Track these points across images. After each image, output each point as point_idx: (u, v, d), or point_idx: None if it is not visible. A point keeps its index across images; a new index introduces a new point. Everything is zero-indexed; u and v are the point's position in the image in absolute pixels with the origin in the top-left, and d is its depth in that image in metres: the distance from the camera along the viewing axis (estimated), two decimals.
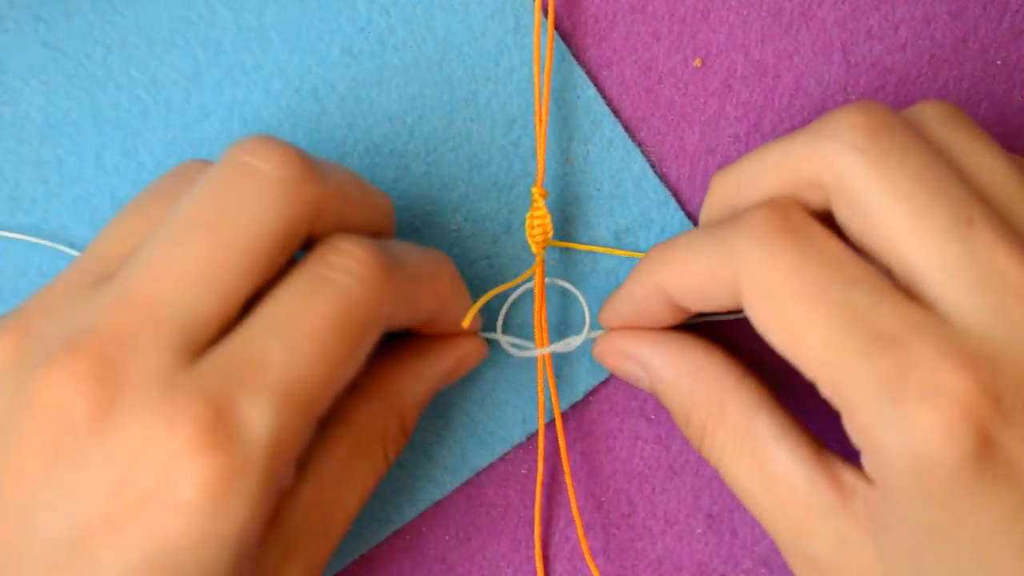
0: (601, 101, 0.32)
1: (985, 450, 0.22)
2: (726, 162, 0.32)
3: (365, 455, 0.27)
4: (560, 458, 0.32)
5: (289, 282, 0.24)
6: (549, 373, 0.31)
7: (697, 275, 0.26)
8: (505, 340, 0.31)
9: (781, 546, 0.26)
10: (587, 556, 0.32)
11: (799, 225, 0.24)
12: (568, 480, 0.31)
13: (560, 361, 0.32)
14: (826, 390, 0.24)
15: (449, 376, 0.30)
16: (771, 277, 0.24)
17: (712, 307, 0.26)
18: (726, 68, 0.32)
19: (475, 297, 0.30)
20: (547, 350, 0.31)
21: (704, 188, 0.32)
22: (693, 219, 0.32)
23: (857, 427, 0.23)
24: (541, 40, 0.31)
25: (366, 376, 0.28)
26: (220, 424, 0.22)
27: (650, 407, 0.32)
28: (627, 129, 0.32)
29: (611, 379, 0.32)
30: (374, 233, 0.27)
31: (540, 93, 0.31)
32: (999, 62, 0.32)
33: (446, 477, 0.32)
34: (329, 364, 0.23)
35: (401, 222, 0.32)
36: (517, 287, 0.31)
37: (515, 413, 0.32)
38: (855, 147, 0.24)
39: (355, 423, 0.27)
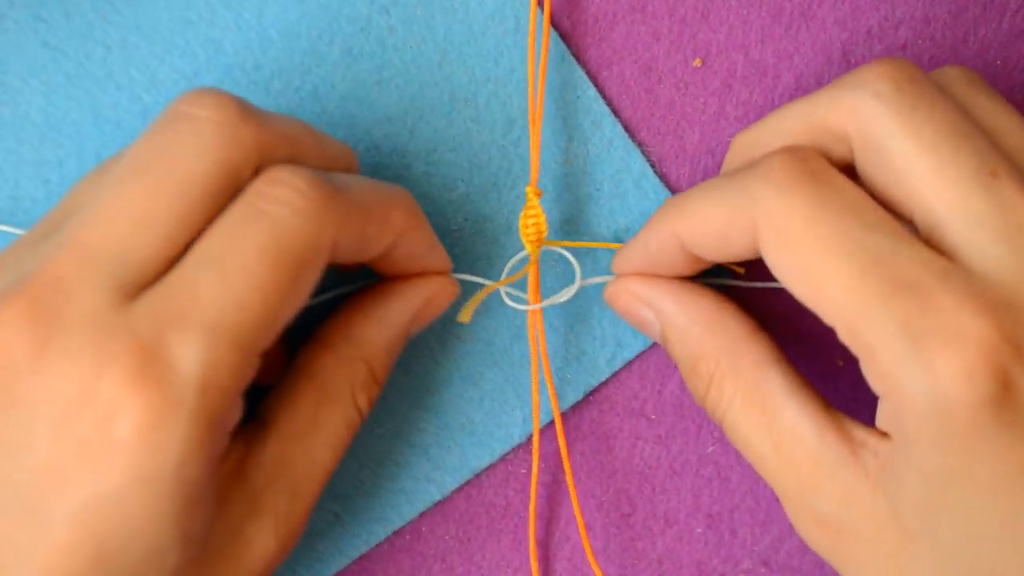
0: (601, 101, 0.32)
1: (1005, 395, 0.22)
2: None
3: (332, 405, 0.27)
4: (560, 458, 0.32)
5: (223, 218, 0.24)
6: (546, 368, 0.31)
7: (713, 222, 0.26)
8: (503, 290, 0.31)
9: (787, 503, 0.26)
10: (589, 555, 0.32)
11: (818, 170, 0.24)
12: (569, 479, 0.31)
13: (560, 361, 0.32)
14: (845, 335, 0.24)
15: (418, 319, 0.29)
16: (790, 223, 0.24)
17: (727, 256, 0.26)
18: (726, 68, 0.32)
19: (469, 297, 0.30)
20: (540, 305, 0.31)
21: None
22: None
23: (877, 372, 0.23)
24: (536, 37, 0.31)
25: (329, 325, 0.28)
26: (150, 363, 0.22)
27: (650, 407, 0.32)
28: (627, 129, 0.32)
29: (611, 379, 0.32)
30: None
31: (535, 91, 0.31)
32: (999, 62, 0.32)
33: (446, 477, 0.32)
34: (264, 297, 0.23)
35: None
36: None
37: (515, 413, 0.32)
38: (882, 96, 0.24)
39: (319, 374, 0.27)
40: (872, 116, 0.24)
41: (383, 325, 0.29)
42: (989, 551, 0.23)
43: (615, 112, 0.32)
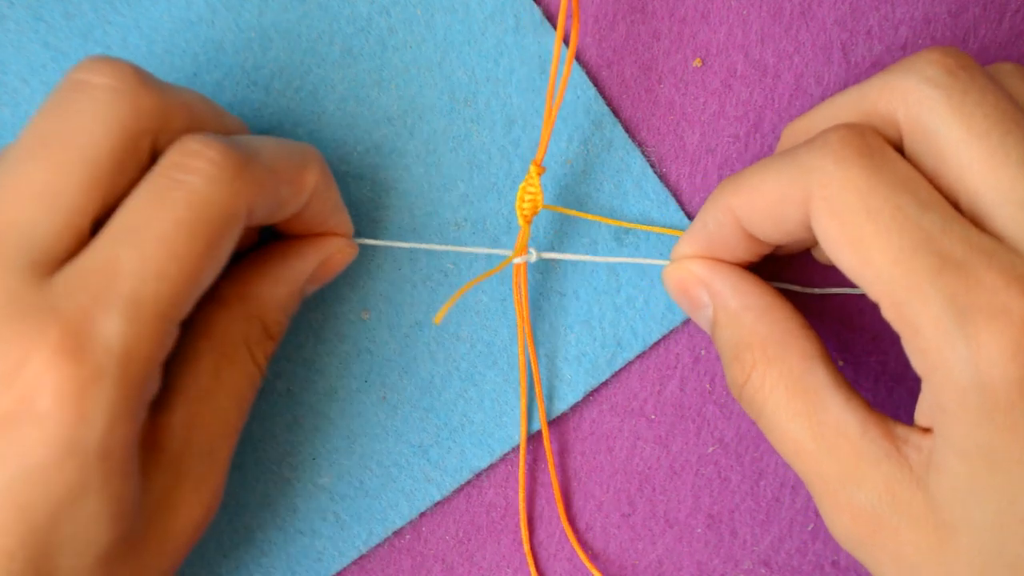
0: (601, 101, 0.32)
1: None
2: (726, 162, 0.32)
3: (231, 363, 0.27)
4: (561, 459, 0.32)
5: (138, 190, 0.24)
6: (534, 375, 0.31)
7: (769, 195, 0.26)
8: (515, 261, 0.31)
9: (822, 496, 0.26)
10: (581, 555, 0.31)
11: (875, 146, 0.25)
12: (553, 478, 0.31)
13: (560, 362, 0.32)
14: (890, 311, 0.24)
15: (316, 278, 0.29)
16: (844, 194, 0.24)
17: (783, 233, 0.26)
18: (726, 68, 0.32)
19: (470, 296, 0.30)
20: (520, 259, 0.31)
21: (704, 188, 0.32)
22: (693, 219, 0.32)
23: (919, 347, 0.23)
24: (567, 7, 0.31)
25: (224, 284, 0.28)
26: (73, 337, 0.22)
27: (650, 407, 0.32)
28: (627, 129, 0.32)
29: (611, 380, 0.32)
30: None
31: (557, 68, 0.29)
32: (999, 62, 0.32)
33: (446, 478, 0.32)
34: (183, 267, 0.23)
35: (401, 222, 0.32)
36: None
37: (515, 413, 0.32)
38: (933, 81, 0.25)
39: (215, 334, 0.27)
40: (923, 100, 0.25)
41: (279, 283, 0.29)
42: None
43: (615, 112, 0.32)
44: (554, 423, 0.32)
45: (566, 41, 0.31)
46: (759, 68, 0.32)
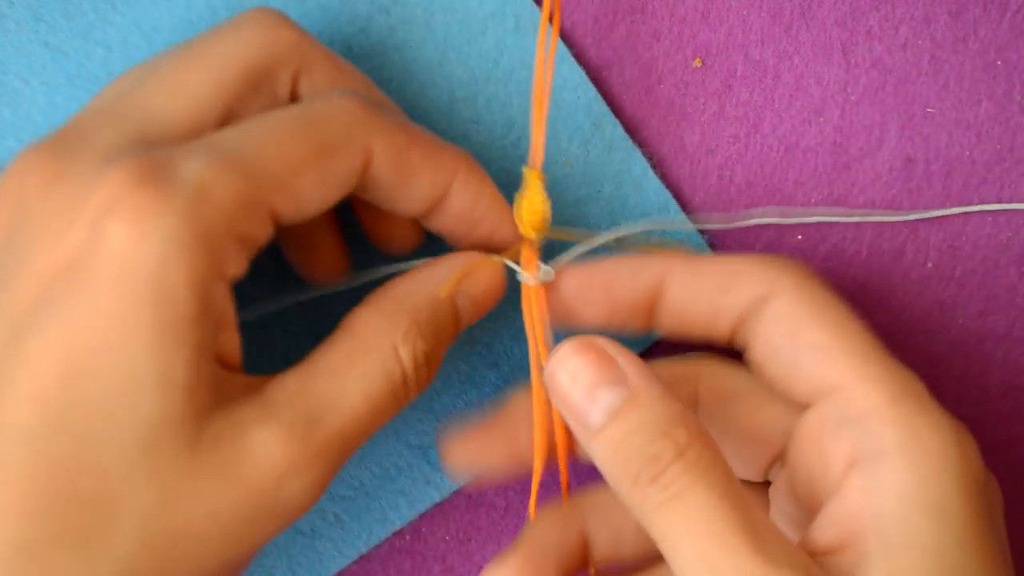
0: (601, 101, 0.32)
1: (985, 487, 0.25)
2: (726, 162, 0.32)
3: (369, 353, 0.26)
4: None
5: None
6: (543, 352, 0.30)
7: (721, 275, 0.27)
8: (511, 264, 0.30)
9: None
10: None
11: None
12: (564, 477, 0.31)
13: None
14: (858, 387, 0.25)
15: (470, 296, 0.28)
16: (816, 286, 0.27)
17: (698, 325, 0.28)
18: (726, 68, 0.32)
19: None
20: (535, 280, 0.29)
21: (704, 188, 0.32)
22: (695, 217, 0.32)
23: (891, 419, 0.24)
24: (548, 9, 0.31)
25: (376, 287, 0.28)
26: (152, 170, 0.22)
27: None
28: (627, 129, 0.32)
29: None
30: None
31: (544, 66, 0.29)
32: (999, 62, 0.32)
33: (445, 479, 0.32)
34: (281, 149, 0.24)
35: None
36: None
37: None
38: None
39: (357, 324, 0.26)
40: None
41: (423, 283, 0.27)
42: None
43: (615, 112, 0.32)
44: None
45: (561, 29, 0.31)
46: (759, 68, 0.32)
